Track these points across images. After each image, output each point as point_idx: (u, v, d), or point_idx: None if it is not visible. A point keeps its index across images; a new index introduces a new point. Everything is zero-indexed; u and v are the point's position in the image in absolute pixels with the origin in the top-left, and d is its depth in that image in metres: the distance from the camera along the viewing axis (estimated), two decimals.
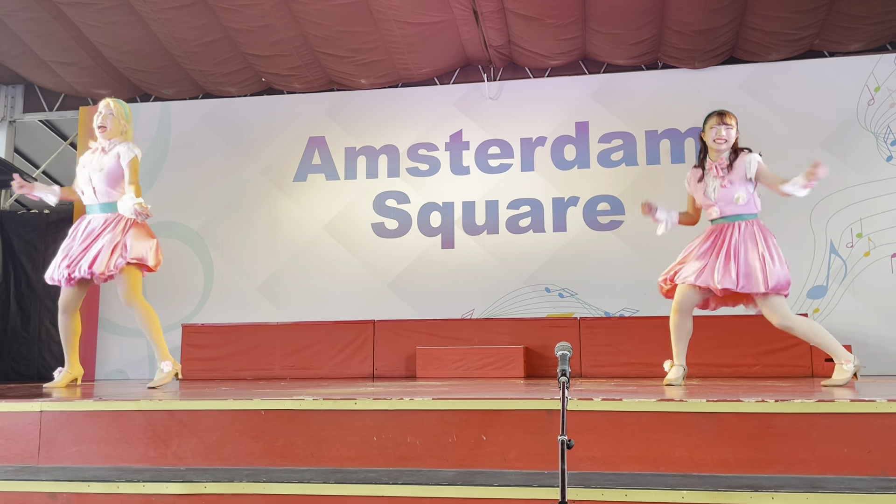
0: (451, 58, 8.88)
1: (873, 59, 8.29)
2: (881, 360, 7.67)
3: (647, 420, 3.31)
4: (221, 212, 9.17)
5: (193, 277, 9.04)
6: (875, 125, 8.18)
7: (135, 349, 8.81)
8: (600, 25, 8.12)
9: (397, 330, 8.22)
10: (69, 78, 9.17)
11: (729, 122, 5.17)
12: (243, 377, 8.03)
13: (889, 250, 7.96)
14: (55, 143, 10.29)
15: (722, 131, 5.15)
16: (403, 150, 9.02)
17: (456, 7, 7.83)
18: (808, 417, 3.24)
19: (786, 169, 5.46)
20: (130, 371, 8.86)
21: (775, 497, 2.87)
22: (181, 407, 3.71)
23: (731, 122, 5.18)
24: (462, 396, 3.68)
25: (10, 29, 8.36)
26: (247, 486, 3.22)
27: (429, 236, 8.82)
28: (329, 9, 7.84)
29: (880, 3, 7.63)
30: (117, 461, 3.62)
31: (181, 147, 9.33)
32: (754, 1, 7.66)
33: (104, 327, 8.98)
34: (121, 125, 5.54)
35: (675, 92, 8.59)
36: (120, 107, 5.59)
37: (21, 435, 3.75)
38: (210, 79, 9.14)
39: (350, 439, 3.48)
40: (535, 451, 3.27)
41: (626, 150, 8.62)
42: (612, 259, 8.39)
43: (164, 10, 7.90)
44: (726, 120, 5.17)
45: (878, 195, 8.05)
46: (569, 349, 2.53)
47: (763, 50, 8.32)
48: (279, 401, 3.65)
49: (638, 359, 7.53)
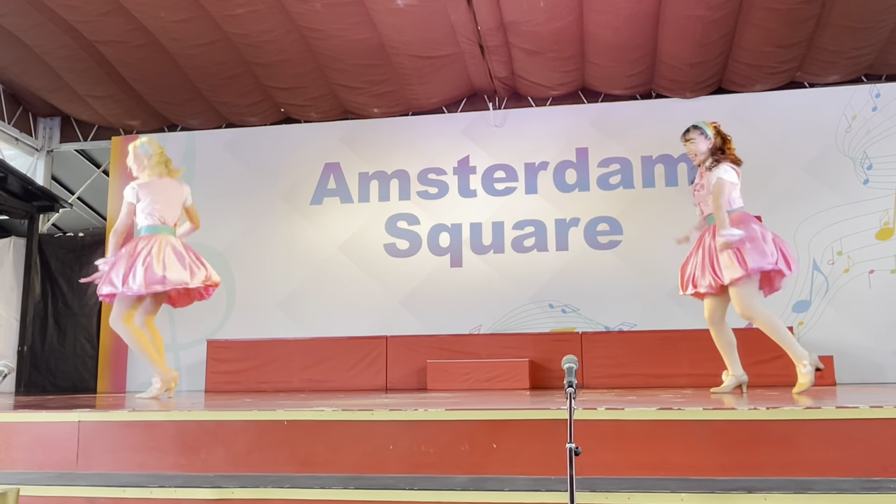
0: (459, 88, 8.92)
1: (850, 90, 8.32)
2: (862, 370, 7.66)
3: (648, 428, 3.31)
4: (243, 234, 9.19)
5: (217, 296, 8.94)
6: (852, 151, 8.20)
7: None
8: (597, 59, 8.17)
9: (409, 345, 8.21)
10: (102, 110, 9.24)
11: (688, 138, 5.37)
12: (264, 389, 8.02)
13: (867, 267, 7.95)
14: (89, 170, 10.35)
15: (687, 147, 5.40)
16: (414, 174, 9.04)
17: (463, 42, 7.88)
18: (796, 424, 3.24)
19: (772, 189, 5.50)
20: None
21: (767, 498, 2.86)
22: (209, 417, 3.72)
23: (689, 136, 5.36)
24: (473, 407, 3.69)
25: (49, 65, 8.45)
26: (272, 492, 3.21)
27: (438, 256, 8.82)
28: (345, 44, 7.89)
29: (855, 39, 7.68)
30: (150, 468, 3.62)
31: (206, 173, 9.36)
32: (740, 37, 7.70)
33: None
34: (142, 164, 5.76)
35: (668, 120, 8.60)
36: (135, 147, 5.80)
37: (61, 443, 3.76)
38: (233, 110, 9.19)
39: (367, 448, 3.48)
40: (543, 459, 3.26)
41: (623, 174, 8.63)
42: (611, 276, 8.39)
43: (190, 46, 7.97)
44: (686, 136, 5.38)
45: (856, 216, 8.05)
46: (575, 362, 2.54)
47: (749, 81, 8.35)
48: (301, 412, 3.66)
49: (637, 370, 7.54)
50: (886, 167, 8.09)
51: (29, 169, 9.74)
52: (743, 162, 5.33)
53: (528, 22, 7.50)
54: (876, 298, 7.87)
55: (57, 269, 9.30)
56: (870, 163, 8.14)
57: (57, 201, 9.28)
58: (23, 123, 9.71)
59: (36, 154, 9.95)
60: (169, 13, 7.47)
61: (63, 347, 9.17)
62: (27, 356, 8.97)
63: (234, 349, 8.47)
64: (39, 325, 9.18)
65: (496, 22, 7.52)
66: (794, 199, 8.01)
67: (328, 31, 7.70)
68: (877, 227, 8.00)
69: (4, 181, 8.52)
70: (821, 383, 7.23)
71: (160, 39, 7.91)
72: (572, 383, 2.47)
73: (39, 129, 9.98)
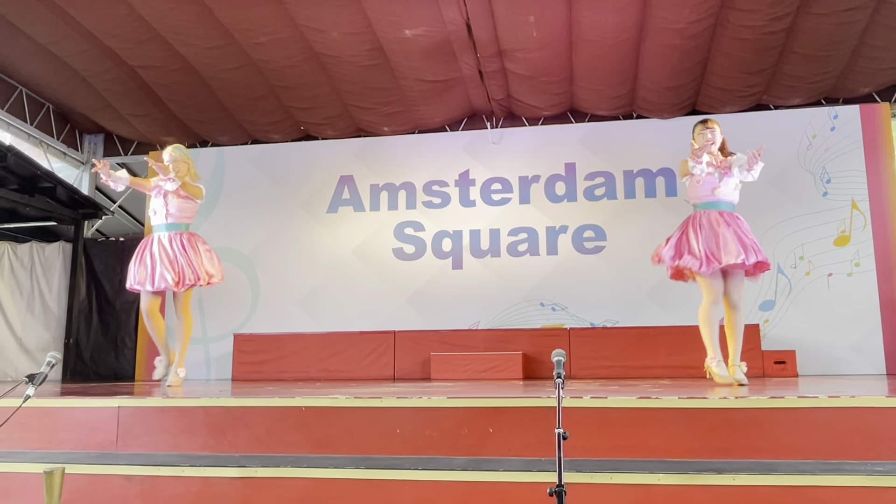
0: (460, 109, 8.92)
1: (811, 112, 8.30)
2: (820, 363, 7.63)
3: (629, 415, 3.31)
4: (267, 239, 9.18)
5: (243, 294, 9.05)
6: (813, 167, 8.19)
7: (193, 353, 8.79)
8: (585, 83, 8.16)
9: (414, 339, 8.20)
10: (141, 127, 9.25)
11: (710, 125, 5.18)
12: (285, 378, 8.03)
13: (825, 271, 7.94)
14: None
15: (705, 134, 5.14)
16: (420, 186, 9.03)
17: (464, 68, 7.88)
18: (762, 412, 3.24)
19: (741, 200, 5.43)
20: (190, 372, 8.83)
21: (736, 478, 2.86)
22: (235, 404, 3.73)
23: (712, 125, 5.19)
24: (472, 395, 3.68)
25: (94, 87, 8.46)
26: (291, 471, 3.22)
27: (441, 259, 8.81)
28: (358, 69, 7.90)
29: (815, 66, 7.67)
30: (182, 449, 3.63)
31: (233, 185, 9.37)
32: (713, 64, 7.69)
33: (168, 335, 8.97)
34: (186, 165, 5.72)
35: (647, 138, 8.61)
36: (180, 151, 5.75)
37: (102, 426, 3.77)
38: (258, 127, 9.20)
39: (377, 431, 3.48)
40: (534, 442, 3.26)
41: (607, 186, 8.62)
42: (596, 278, 8.37)
43: (220, 71, 7.97)
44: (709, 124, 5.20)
45: (815, 225, 8.04)
46: (563, 355, 2.53)
47: (720, 104, 8.34)
48: (317, 399, 3.66)
49: (619, 362, 7.53)
50: (843, 181, 8.08)
51: (75, 180, 9.74)
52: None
53: (522, 50, 7.51)
54: (834, 299, 7.85)
55: (100, 270, 9.29)
56: (829, 177, 8.13)
57: (100, 209, 9.29)
58: (70, 139, 9.72)
59: (81, 167, 9.96)
60: (201, 41, 7.48)
61: (105, 340, 9.16)
62: (73, 348, 8.97)
63: (258, 342, 8.47)
64: (84, 321, 9.17)
65: (494, 50, 7.52)
66: (762, 209, 7.99)
67: (343, 57, 7.71)
68: (835, 235, 7.99)
69: (53, 191, 8.53)
70: (784, 375, 7.27)
71: (193, 64, 7.92)
72: (561, 374, 2.47)
73: (85, 145, 9.99)
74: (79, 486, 3.28)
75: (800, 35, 7.18)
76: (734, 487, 2.84)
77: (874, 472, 2.85)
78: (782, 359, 7.37)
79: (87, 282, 9.27)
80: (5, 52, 7.87)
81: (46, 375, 3.02)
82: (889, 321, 7.68)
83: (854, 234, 7.96)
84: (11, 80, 8.56)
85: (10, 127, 8.68)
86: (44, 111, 9.16)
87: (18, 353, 8.62)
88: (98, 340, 9.16)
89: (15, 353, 8.59)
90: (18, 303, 8.78)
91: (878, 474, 2.81)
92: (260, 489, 3.20)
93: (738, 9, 6.82)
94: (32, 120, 8.96)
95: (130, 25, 7.23)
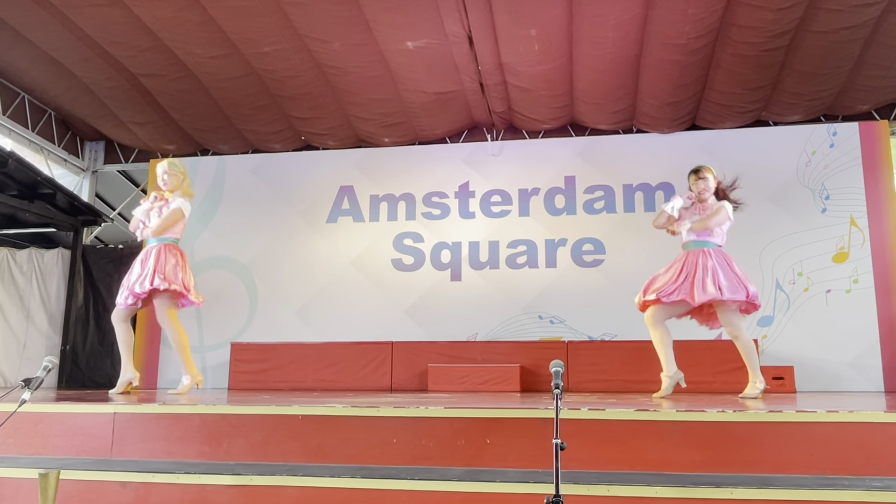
0: (461, 121, 8.93)
1: (810, 129, 8.32)
2: (819, 379, 7.62)
3: (626, 427, 3.30)
4: (265, 248, 9.17)
5: (241, 303, 9.03)
6: (812, 183, 8.20)
7: None
8: (585, 97, 8.19)
9: (412, 350, 8.18)
10: (142, 135, 9.26)
11: (703, 175, 5.51)
12: (282, 388, 7.99)
13: (824, 287, 7.93)
14: (129, 189, 10.37)
15: (698, 184, 5.49)
16: (419, 197, 9.03)
17: (465, 80, 7.90)
18: (761, 426, 3.22)
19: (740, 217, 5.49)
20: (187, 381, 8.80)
21: (733, 492, 2.84)
22: (231, 411, 3.71)
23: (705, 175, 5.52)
24: (469, 406, 3.67)
25: (96, 95, 8.48)
26: (286, 480, 3.20)
27: (440, 270, 8.80)
28: (360, 80, 7.92)
29: (815, 83, 7.70)
30: (177, 456, 3.61)
31: (233, 194, 9.36)
32: (713, 79, 7.72)
33: (165, 344, 8.96)
34: (178, 179, 5.73)
35: (647, 152, 8.62)
36: (173, 166, 5.75)
37: (97, 433, 3.75)
38: (259, 137, 9.21)
39: (374, 441, 3.47)
40: (532, 453, 3.25)
41: (606, 200, 8.63)
42: (594, 292, 8.36)
43: (222, 80, 7.99)
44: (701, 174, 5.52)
45: (814, 241, 8.04)
46: (561, 367, 2.52)
47: (720, 119, 8.37)
48: (314, 407, 3.64)
49: (617, 376, 7.51)
50: (842, 198, 8.09)
51: (75, 187, 9.75)
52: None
53: (523, 63, 7.53)
54: (832, 315, 7.84)
55: (98, 277, 9.28)
56: (827, 194, 8.14)
57: (100, 216, 9.28)
58: (71, 146, 9.73)
59: (82, 174, 9.96)
60: (204, 50, 7.50)
61: (102, 347, 9.13)
62: (69, 354, 8.95)
63: (255, 351, 8.44)
64: (81, 327, 9.15)
65: (495, 63, 7.55)
66: (760, 225, 8.00)
67: (345, 68, 7.73)
68: (833, 252, 7.99)
69: (53, 197, 8.53)
70: (782, 391, 7.25)
71: (196, 73, 7.94)
72: (559, 385, 2.45)
73: (86, 152, 10.00)
74: (73, 493, 3.26)
75: (799, 52, 7.21)
76: (732, 501, 2.82)
77: (872, 487, 2.84)
78: (780, 374, 7.34)
79: (84, 288, 9.26)
80: (8, 58, 7.89)
81: (43, 380, 3.00)
82: (887, 338, 7.67)
83: (853, 250, 7.96)
84: (14, 87, 8.58)
85: (12, 133, 8.69)
86: (45, 118, 9.17)
87: (18, 359, 8.59)
88: (94, 348, 9.13)
89: (15, 358, 8.57)
90: (18, 308, 8.76)
91: (876, 490, 2.80)
92: (255, 497, 3.18)
93: (739, 25, 6.85)
94: (34, 126, 8.96)
95: (134, 33, 7.26)
